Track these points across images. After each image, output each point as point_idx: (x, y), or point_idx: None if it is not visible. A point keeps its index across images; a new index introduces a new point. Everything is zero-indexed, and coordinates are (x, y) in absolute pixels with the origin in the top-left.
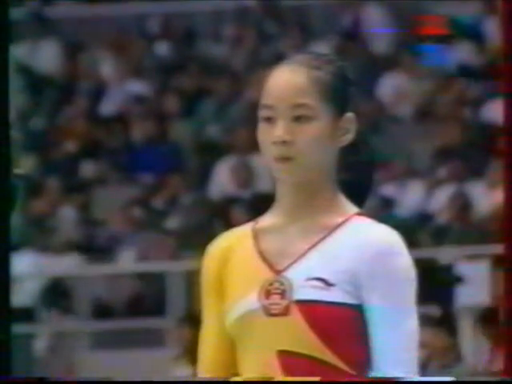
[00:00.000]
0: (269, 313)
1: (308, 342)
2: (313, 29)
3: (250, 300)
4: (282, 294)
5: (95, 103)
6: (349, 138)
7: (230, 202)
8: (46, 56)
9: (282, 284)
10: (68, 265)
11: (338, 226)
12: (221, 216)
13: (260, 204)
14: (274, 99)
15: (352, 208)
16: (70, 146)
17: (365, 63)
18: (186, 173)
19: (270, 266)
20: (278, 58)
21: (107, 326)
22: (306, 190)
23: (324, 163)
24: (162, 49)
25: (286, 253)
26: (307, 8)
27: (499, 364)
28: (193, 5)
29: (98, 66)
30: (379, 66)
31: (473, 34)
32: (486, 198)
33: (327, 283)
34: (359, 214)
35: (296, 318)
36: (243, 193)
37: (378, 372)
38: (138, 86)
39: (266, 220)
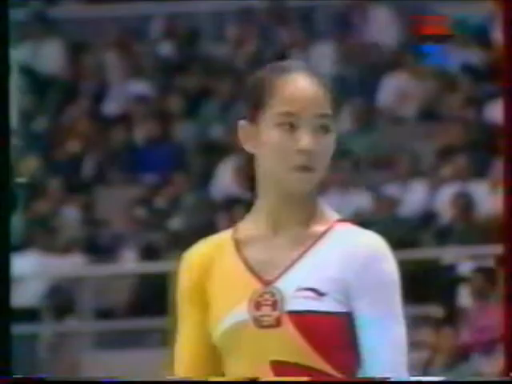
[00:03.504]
0: (260, 324)
1: (301, 352)
2: (316, 29)
3: (239, 312)
4: (273, 305)
5: (98, 103)
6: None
7: (232, 202)
8: (49, 56)
9: (272, 295)
10: (71, 265)
11: (323, 233)
12: (224, 216)
13: None
14: (299, 107)
15: (333, 214)
16: (73, 146)
17: (368, 63)
18: (189, 173)
19: (258, 276)
20: (280, 59)
21: (110, 326)
22: (300, 199)
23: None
24: (165, 49)
25: (273, 263)
26: (310, 8)
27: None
28: (196, 5)
29: (101, 66)
30: (382, 66)
31: (477, 33)
32: (489, 197)
33: (318, 293)
34: (340, 220)
35: (288, 328)
36: (246, 193)
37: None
38: (141, 86)
39: (246, 228)
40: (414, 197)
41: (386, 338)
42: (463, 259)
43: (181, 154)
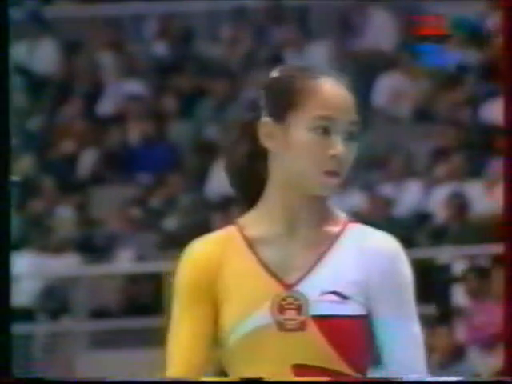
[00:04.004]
0: (283, 328)
1: (325, 356)
2: (311, 29)
3: (262, 315)
4: (298, 309)
5: (93, 103)
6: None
7: (228, 201)
8: (43, 56)
9: (296, 299)
10: (66, 265)
11: (338, 234)
12: (219, 216)
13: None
14: (335, 112)
15: (343, 215)
16: (68, 146)
17: (363, 63)
18: (184, 172)
19: (279, 279)
20: (275, 59)
21: (105, 326)
22: (316, 201)
23: None
24: (160, 49)
25: (291, 265)
26: (305, 8)
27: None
28: (190, 5)
29: (95, 65)
30: (378, 65)
31: (472, 33)
32: (484, 197)
33: (343, 296)
34: (353, 221)
35: (313, 332)
36: (238, 189)
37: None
38: (135, 86)
39: (258, 227)
40: (408, 197)
41: (407, 339)
42: (458, 259)
43: (176, 154)
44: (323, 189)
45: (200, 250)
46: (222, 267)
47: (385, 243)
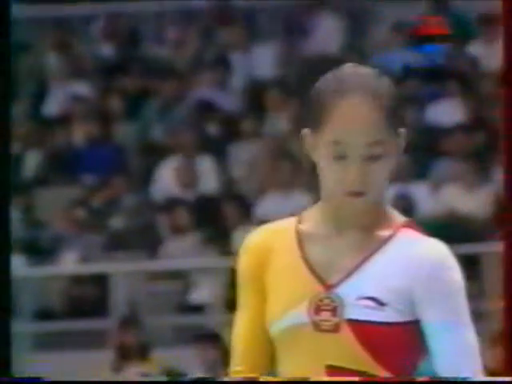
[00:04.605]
0: (319, 328)
1: (358, 359)
2: (258, 30)
3: (299, 313)
4: (333, 311)
5: (38, 104)
6: (402, 151)
7: (173, 203)
8: None
9: (332, 301)
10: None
11: (387, 239)
12: (164, 217)
13: (204, 205)
14: (346, 137)
15: (399, 218)
16: (13, 147)
17: (311, 65)
18: (129, 173)
19: (320, 279)
20: (222, 60)
21: (49, 328)
22: (364, 207)
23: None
24: (106, 50)
25: (334, 266)
26: (252, 9)
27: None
28: (136, 6)
29: (41, 66)
30: (325, 67)
31: (417, 36)
32: (429, 199)
33: (379, 303)
34: (406, 225)
35: (347, 335)
36: (187, 194)
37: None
38: (81, 87)
39: (312, 224)
40: None
41: (457, 345)
42: None
43: (121, 155)
44: (350, 206)
45: (256, 237)
46: (271, 257)
47: (431, 250)
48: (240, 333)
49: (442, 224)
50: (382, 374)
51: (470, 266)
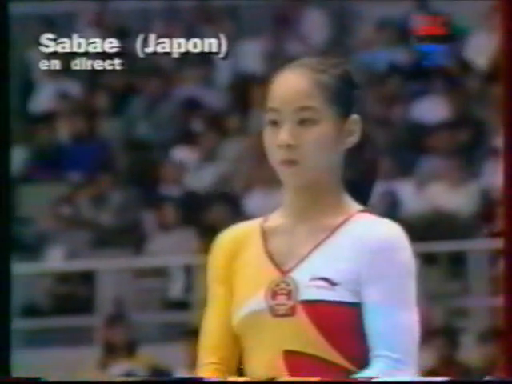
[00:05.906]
0: (275, 313)
1: (313, 342)
2: (244, 27)
3: (257, 300)
4: (288, 294)
5: (23, 100)
6: (354, 139)
7: (159, 200)
8: None
9: (288, 285)
10: None
11: (341, 224)
12: (150, 214)
13: (191, 201)
14: (279, 102)
15: (355, 206)
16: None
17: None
18: (114, 171)
19: (277, 266)
20: (207, 57)
21: (35, 325)
22: (313, 191)
23: (329, 165)
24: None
25: (292, 253)
26: (238, 6)
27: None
28: (122, 3)
29: (26, 63)
30: None
31: (403, 32)
32: (414, 196)
33: (331, 283)
34: (363, 211)
35: (301, 318)
36: (173, 190)
37: (374, 356)
38: (66, 84)
39: (275, 219)
40: None
41: (393, 324)
42: None
43: (106, 152)
44: (286, 178)
45: (225, 235)
46: (238, 254)
47: (381, 231)
48: (209, 327)
49: (427, 221)
50: (337, 359)
51: (456, 263)
